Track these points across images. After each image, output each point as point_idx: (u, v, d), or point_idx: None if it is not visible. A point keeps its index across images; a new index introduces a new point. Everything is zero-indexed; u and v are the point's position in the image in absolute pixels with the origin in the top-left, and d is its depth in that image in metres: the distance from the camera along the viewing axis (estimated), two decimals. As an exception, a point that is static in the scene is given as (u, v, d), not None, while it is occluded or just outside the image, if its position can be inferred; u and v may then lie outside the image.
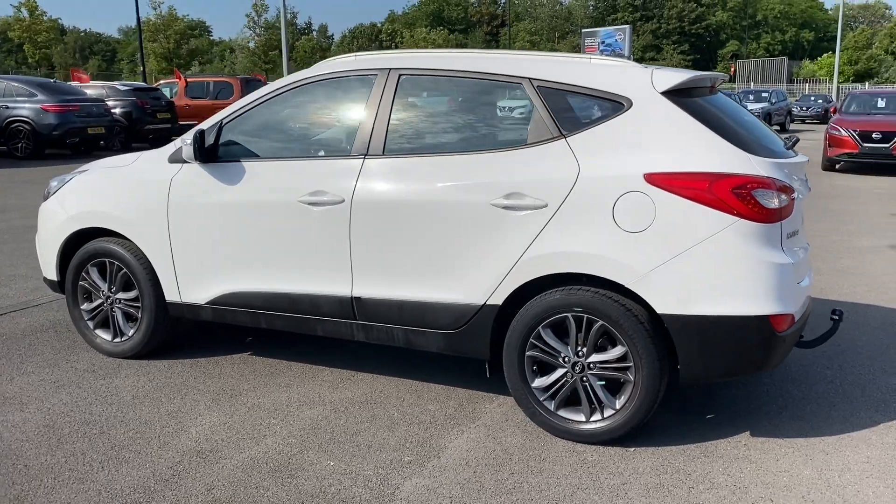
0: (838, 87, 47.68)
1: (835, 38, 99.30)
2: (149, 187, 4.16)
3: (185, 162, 4.06)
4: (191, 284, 4.14)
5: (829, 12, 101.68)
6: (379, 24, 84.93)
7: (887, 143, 14.05)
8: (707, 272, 3.11)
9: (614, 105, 3.34)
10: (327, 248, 3.75)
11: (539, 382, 3.46)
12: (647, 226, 3.15)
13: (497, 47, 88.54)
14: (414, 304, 3.62)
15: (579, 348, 3.35)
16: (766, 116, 27.28)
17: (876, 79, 67.64)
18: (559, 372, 3.41)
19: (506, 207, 3.37)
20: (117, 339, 4.43)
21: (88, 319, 4.50)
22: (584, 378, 3.37)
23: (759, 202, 3.09)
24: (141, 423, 3.61)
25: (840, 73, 53.84)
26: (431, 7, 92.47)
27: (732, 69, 53.76)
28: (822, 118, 33.02)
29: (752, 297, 3.11)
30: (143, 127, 18.69)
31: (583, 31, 46.66)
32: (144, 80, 33.43)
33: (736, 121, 3.42)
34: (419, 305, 3.61)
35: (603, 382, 3.36)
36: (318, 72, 3.96)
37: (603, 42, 41.86)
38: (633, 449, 3.35)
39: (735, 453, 3.33)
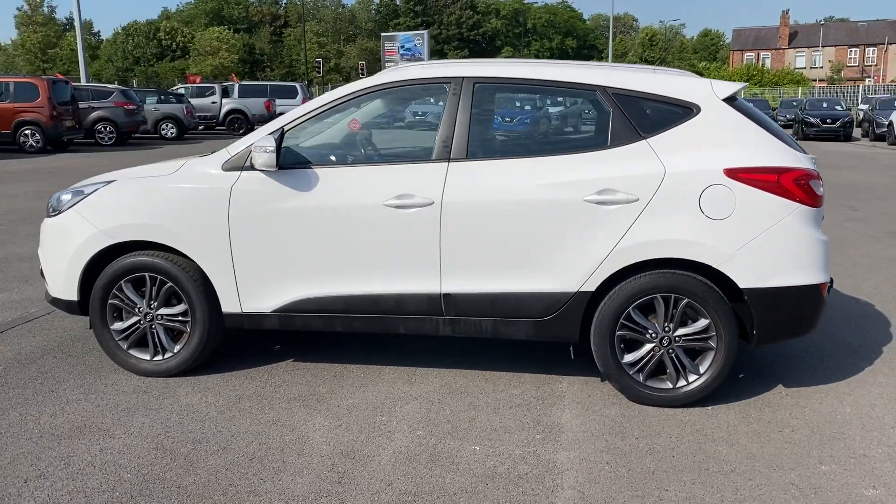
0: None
1: (594, 46, 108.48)
2: (203, 197, 4.03)
3: (245, 169, 4.00)
4: (254, 293, 4.07)
5: (588, 22, 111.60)
6: (155, 22, 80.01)
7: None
8: (777, 250, 3.72)
9: (684, 110, 3.84)
10: (415, 248, 3.91)
11: (629, 358, 3.88)
12: (730, 214, 3.69)
13: (283, 47, 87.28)
14: (506, 297, 3.89)
15: (666, 324, 3.82)
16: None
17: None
18: (647, 347, 3.86)
19: (599, 203, 3.75)
20: (158, 358, 4.22)
21: (121, 339, 4.24)
22: (671, 350, 3.84)
23: (813, 190, 3.75)
24: (254, 434, 3.55)
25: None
26: (210, 5, 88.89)
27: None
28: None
29: (809, 269, 3.76)
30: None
31: (382, 34, 47.64)
32: None
33: (768, 122, 4.07)
34: (511, 297, 3.89)
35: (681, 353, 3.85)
36: (386, 80, 4.09)
37: (402, 46, 43.09)
38: (710, 407, 3.89)
39: (787, 402, 3.98)
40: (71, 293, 4.25)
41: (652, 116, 3.87)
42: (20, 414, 3.76)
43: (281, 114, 20.09)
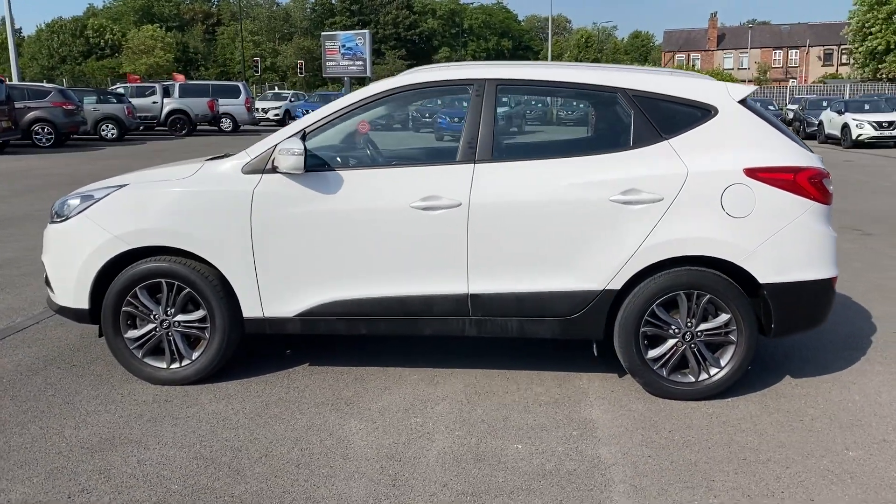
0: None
1: (529, 47, 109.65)
2: (225, 200, 3.96)
3: (266, 172, 3.95)
4: (277, 298, 4.02)
5: (522, 24, 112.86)
6: (81, 18, 77.30)
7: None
8: (793, 246, 3.87)
9: (702, 112, 3.96)
10: (443, 249, 3.92)
11: (653, 354, 3.98)
12: (750, 212, 3.82)
13: (216, 46, 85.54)
14: (533, 296, 3.94)
15: (689, 320, 3.93)
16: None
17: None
18: (670, 342, 3.97)
19: (624, 202, 3.84)
20: (175, 366, 4.13)
21: (135, 348, 4.13)
22: (693, 345, 3.96)
23: (826, 188, 3.91)
24: (292, 440, 3.52)
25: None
26: (139, 2, 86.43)
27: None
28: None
29: (822, 264, 3.93)
30: None
31: (322, 34, 47.10)
32: None
33: (778, 123, 4.22)
34: (538, 296, 3.94)
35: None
36: (409, 82, 4.09)
37: (344, 45, 42.68)
38: (730, 399, 4.02)
39: (799, 392, 4.14)
40: (81, 301, 4.11)
41: (672, 118, 3.97)
42: (41, 427, 3.63)
43: (225, 114, 19.91)
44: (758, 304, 3.97)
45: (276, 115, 34.58)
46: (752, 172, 3.83)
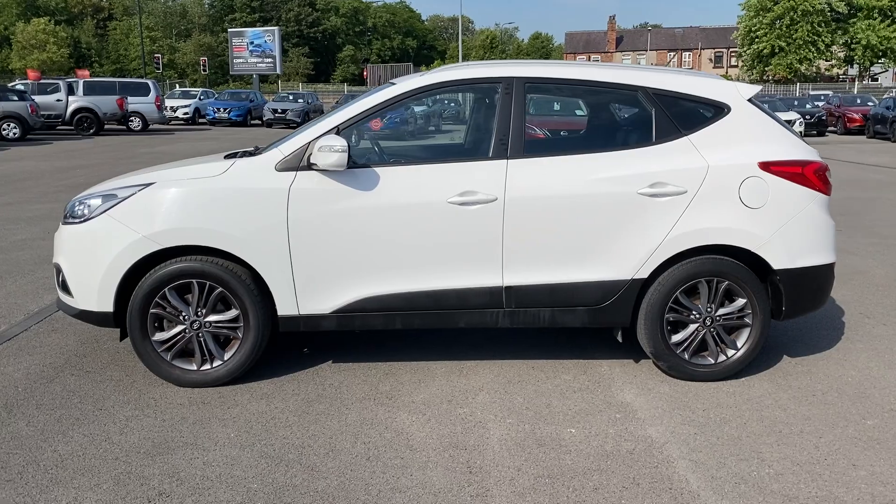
0: (458, 91, 53.85)
1: (433, 46, 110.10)
2: (260, 198, 3.93)
3: (301, 169, 3.95)
4: (313, 295, 4.02)
5: (426, 23, 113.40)
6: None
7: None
8: (803, 234, 4.17)
9: (717, 109, 4.21)
10: (479, 243, 4.02)
11: (675, 339, 4.20)
12: (764, 203, 4.09)
13: (108, 42, 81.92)
14: (565, 287, 4.09)
15: (709, 305, 4.17)
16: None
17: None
18: (692, 327, 4.20)
19: (651, 195, 4.04)
20: (206, 367, 4.06)
21: (163, 350, 4.03)
22: (713, 329, 4.20)
23: (828, 180, 4.24)
24: (351, 435, 3.54)
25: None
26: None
27: (365, 73, 57.31)
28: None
29: (826, 250, 4.26)
30: None
31: (229, 30, 46.01)
32: None
33: (781, 120, 4.52)
34: (570, 287, 4.10)
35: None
36: (439, 79, 4.16)
37: (252, 42, 41.90)
38: (745, 379, 4.29)
39: (800, 370, 4.46)
40: (105, 304, 3.98)
41: (689, 115, 4.21)
42: (84, 435, 3.51)
43: (134, 113, 19.27)
44: (767, 288, 4.25)
45: (186, 113, 33.52)
46: (766, 166, 4.11)
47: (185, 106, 33.85)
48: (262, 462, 3.27)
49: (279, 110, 31.80)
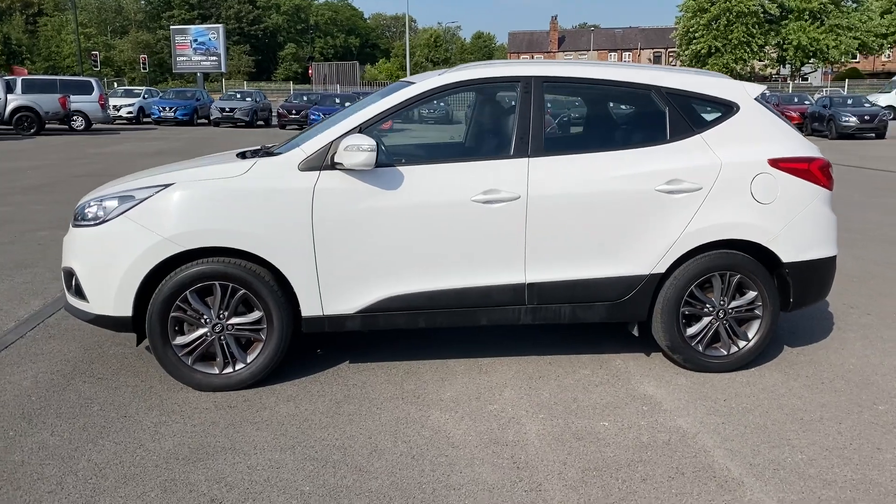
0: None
1: (376, 45, 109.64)
2: (284, 199, 3.88)
3: (325, 169, 3.92)
4: (338, 295, 3.99)
5: (368, 21, 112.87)
6: None
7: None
8: (809, 228, 4.33)
9: (726, 108, 4.34)
10: (502, 241, 4.05)
11: (690, 331, 4.31)
12: (774, 198, 4.23)
13: (39, 38, 79.19)
14: (586, 283, 4.16)
15: (722, 298, 4.30)
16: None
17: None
18: (706, 320, 4.32)
19: (669, 192, 4.14)
20: (229, 370, 3.99)
21: (184, 355, 3.94)
22: (725, 321, 4.33)
23: (831, 176, 4.41)
24: (389, 434, 3.53)
25: (396, 77, 60.82)
26: (-55, -12, 78.43)
27: (310, 71, 56.75)
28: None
29: (829, 243, 4.43)
30: None
31: (172, 27, 44.94)
32: None
33: (785, 118, 4.68)
34: (591, 283, 4.16)
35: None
36: (457, 79, 4.17)
37: (195, 40, 41.06)
38: (755, 369, 4.43)
39: (803, 360, 4.62)
40: (123, 309, 3.88)
41: (701, 113, 4.32)
42: (115, 443, 3.42)
43: (77, 112, 18.77)
44: (775, 280, 4.39)
45: (130, 112, 32.63)
46: (775, 163, 4.25)
47: (129, 105, 32.95)
48: (308, 464, 3.24)
49: (227, 109, 31.27)
